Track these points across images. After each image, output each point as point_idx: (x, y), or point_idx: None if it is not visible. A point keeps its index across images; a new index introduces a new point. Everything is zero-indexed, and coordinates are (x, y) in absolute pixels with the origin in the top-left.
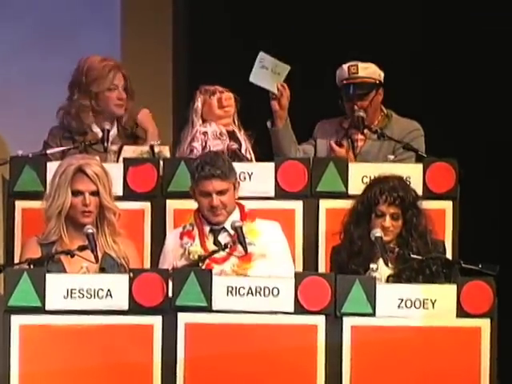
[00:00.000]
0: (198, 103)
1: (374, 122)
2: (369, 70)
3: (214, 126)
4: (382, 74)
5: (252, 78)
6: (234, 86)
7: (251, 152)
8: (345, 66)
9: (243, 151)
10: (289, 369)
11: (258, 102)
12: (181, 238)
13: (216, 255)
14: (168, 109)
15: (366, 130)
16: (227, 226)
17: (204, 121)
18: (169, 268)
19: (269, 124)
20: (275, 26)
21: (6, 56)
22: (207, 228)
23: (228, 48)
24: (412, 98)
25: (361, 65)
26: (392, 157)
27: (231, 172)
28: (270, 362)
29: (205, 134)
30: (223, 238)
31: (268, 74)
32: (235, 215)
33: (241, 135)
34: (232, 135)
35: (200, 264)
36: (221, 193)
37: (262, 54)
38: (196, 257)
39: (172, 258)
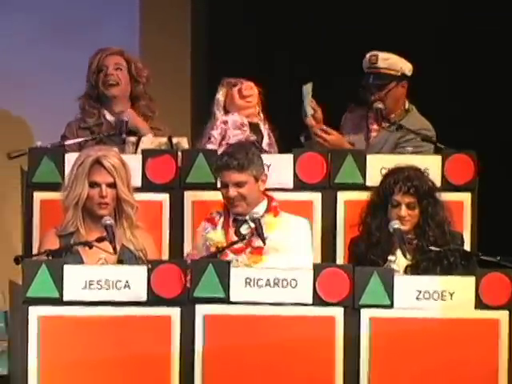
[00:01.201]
0: (220, 95)
1: (392, 113)
2: (389, 61)
3: (236, 115)
4: (407, 67)
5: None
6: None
7: (275, 145)
8: (367, 55)
9: (265, 144)
10: (307, 360)
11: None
12: (206, 222)
13: (238, 245)
14: (187, 103)
15: (385, 123)
16: (250, 218)
17: (227, 112)
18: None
19: (302, 138)
20: (295, 20)
21: (25, 47)
22: (231, 218)
23: (246, 45)
24: (437, 90)
25: (381, 55)
26: (410, 149)
27: (251, 164)
28: (288, 354)
29: (225, 122)
30: (244, 229)
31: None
32: (261, 207)
33: (265, 128)
34: (255, 127)
35: (218, 254)
36: (238, 185)
37: (304, 88)
38: (212, 244)
39: (199, 245)
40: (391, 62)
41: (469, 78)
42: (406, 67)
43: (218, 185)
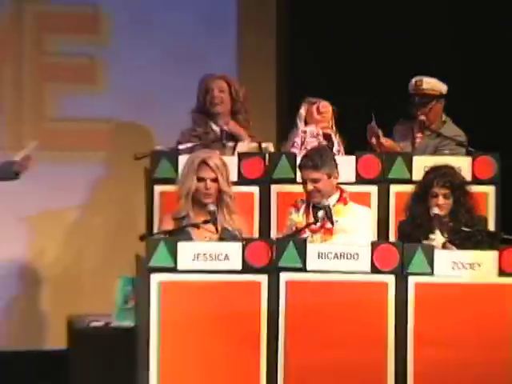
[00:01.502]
0: (302, 110)
1: (432, 124)
2: (431, 85)
3: (313, 127)
4: (445, 88)
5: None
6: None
7: (343, 152)
8: (413, 80)
9: (335, 150)
10: (366, 316)
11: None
12: (292, 208)
13: (313, 226)
14: (273, 115)
15: (427, 132)
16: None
17: (306, 124)
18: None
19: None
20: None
21: (150, 71)
22: (311, 205)
23: (323, 72)
24: (467, 102)
25: (425, 79)
26: (447, 152)
27: (324, 164)
28: (352, 312)
29: (304, 132)
30: (320, 215)
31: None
32: (334, 198)
33: (335, 138)
34: (328, 137)
35: (299, 232)
36: (314, 181)
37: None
38: (293, 223)
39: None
40: (433, 84)
41: (495, 92)
42: (444, 88)
43: (299, 180)
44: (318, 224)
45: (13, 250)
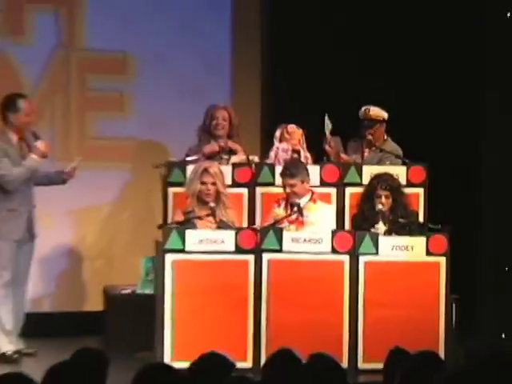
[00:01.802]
0: (277, 133)
1: (377, 142)
2: (376, 112)
3: (285, 144)
4: (386, 115)
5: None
6: (302, 123)
7: (310, 162)
8: (363, 108)
9: (303, 160)
10: (327, 287)
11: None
12: (276, 203)
13: (291, 218)
14: (258, 136)
15: (372, 148)
16: (301, 202)
17: (280, 141)
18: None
19: (325, 159)
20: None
21: (161, 99)
22: (289, 203)
23: (295, 101)
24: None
25: (371, 108)
26: (388, 163)
27: (298, 173)
28: (317, 282)
29: (277, 148)
30: (295, 209)
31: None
32: (306, 198)
33: (304, 152)
34: (297, 151)
35: (277, 223)
36: (291, 185)
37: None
38: (278, 216)
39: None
40: (377, 112)
41: (423, 119)
42: (385, 115)
43: (278, 183)
44: (294, 217)
45: (62, 235)
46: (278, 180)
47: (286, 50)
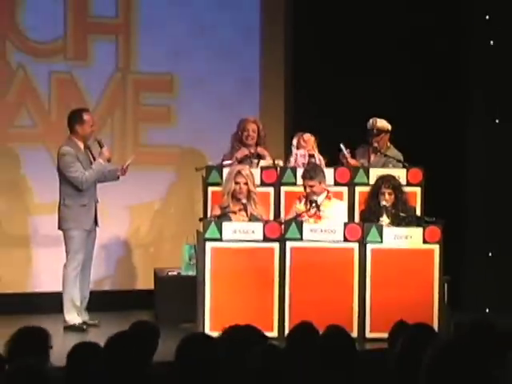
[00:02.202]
0: (294, 141)
1: (382, 149)
2: (382, 124)
3: (302, 150)
4: (389, 126)
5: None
6: (318, 131)
7: (323, 165)
8: (371, 120)
9: (318, 163)
10: (340, 270)
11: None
12: (298, 198)
13: (309, 213)
14: (282, 144)
15: (378, 153)
16: (318, 200)
17: (298, 148)
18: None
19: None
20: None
21: (201, 113)
22: (309, 200)
23: (312, 116)
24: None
25: (378, 120)
26: (391, 166)
27: (317, 176)
28: (331, 266)
29: (296, 154)
30: (314, 204)
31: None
32: (323, 196)
33: (318, 156)
34: (312, 156)
35: (298, 216)
36: (310, 186)
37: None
38: (299, 211)
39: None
40: (383, 123)
41: (421, 131)
42: (389, 126)
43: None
44: (312, 212)
45: (120, 226)
46: (299, 181)
47: (306, 72)
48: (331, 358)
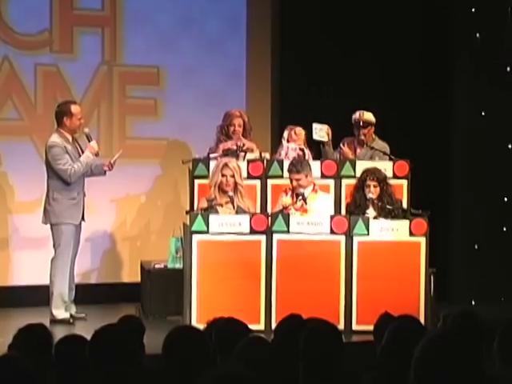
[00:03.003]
0: (285, 134)
1: (368, 141)
2: (369, 116)
3: (293, 144)
4: (374, 119)
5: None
6: (306, 124)
7: (311, 158)
8: (357, 112)
9: (307, 158)
10: (327, 262)
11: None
12: (283, 191)
13: (296, 206)
14: (268, 137)
15: (365, 146)
16: (305, 193)
17: (288, 141)
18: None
19: (322, 147)
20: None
21: (188, 106)
22: (295, 193)
23: (300, 108)
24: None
25: (365, 112)
26: (378, 158)
27: (303, 169)
28: (318, 259)
29: (287, 147)
30: (299, 198)
31: (320, 132)
32: (309, 189)
33: (307, 150)
34: (302, 150)
35: (285, 209)
36: (297, 179)
37: (315, 126)
38: (282, 203)
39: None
40: (369, 116)
41: (407, 124)
42: (374, 119)
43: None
44: (299, 205)
45: (106, 220)
46: (286, 174)
47: (292, 66)
48: (317, 350)
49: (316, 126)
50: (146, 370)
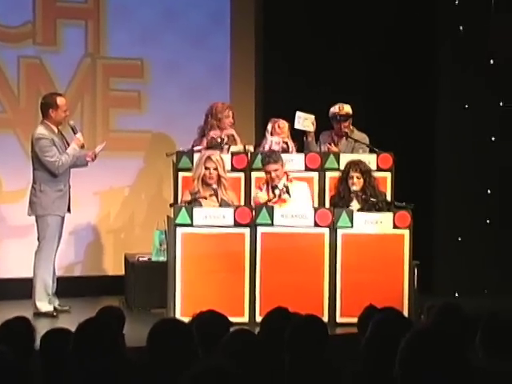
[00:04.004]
0: (269, 126)
1: (348, 133)
2: (348, 108)
3: (276, 137)
4: (351, 110)
5: (296, 126)
6: (290, 117)
7: (295, 151)
8: (337, 105)
9: (290, 151)
10: (311, 255)
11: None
12: (258, 187)
13: (274, 200)
14: (252, 129)
15: (348, 138)
16: (279, 185)
17: (272, 135)
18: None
19: (305, 139)
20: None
21: (172, 99)
22: (270, 186)
23: (282, 100)
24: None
25: (344, 105)
26: (361, 151)
27: (278, 158)
28: (302, 251)
29: (271, 141)
30: (277, 191)
31: (304, 121)
32: (284, 179)
33: (290, 143)
34: (285, 143)
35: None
36: (275, 170)
37: (298, 114)
38: (262, 201)
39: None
40: (349, 108)
41: (391, 114)
42: (351, 110)
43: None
44: (277, 197)
45: (90, 212)
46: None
47: (276, 59)
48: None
49: (300, 115)
50: (129, 360)
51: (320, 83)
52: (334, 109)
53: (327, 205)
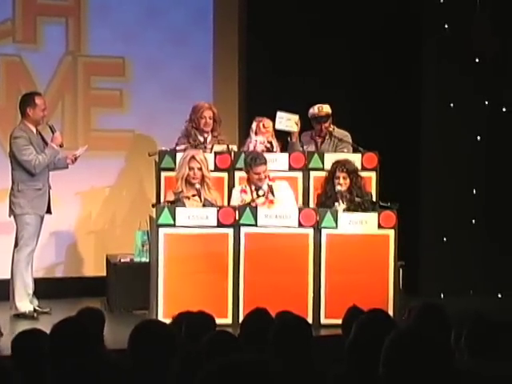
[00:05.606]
0: (253, 125)
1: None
2: (327, 108)
3: (260, 137)
4: (330, 110)
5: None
6: (274, 116)
7: (279, 151)
8: (316, 106)
9: (274, 150)
10: (295, 255)
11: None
12: (241, 191)
13: (258, 201)
14: (236, 129)
15: (332, 138)
16: (264, 186)
17: (256, 134)
18: (233, 204)
19: (289, 139)
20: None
21: (154, 99)
22: (253, 187)
23: (266, 99)
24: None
25: (323, 105)
26: (346, 150)
27: (265, 159)
28: (286, 252)
29: (256, 140)
30: (261, 192)
31: (287, 122)
32: (266, 180)
33: (275, 142)
34: (270, 142)
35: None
36: (264, 171)
37: (280, 114)
38: (242, 200)
39: (235, 200)
40: (328, 108)
41: (376, 115)
42: (330, 110)
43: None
44: (262, 200)
45: (71, 212)
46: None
47: (259, 56)
48: (286, 344)
49: (282, 115)
50: (108, 361)
51: (305, 81)
52: (314, 110)
53: (311, 205)
